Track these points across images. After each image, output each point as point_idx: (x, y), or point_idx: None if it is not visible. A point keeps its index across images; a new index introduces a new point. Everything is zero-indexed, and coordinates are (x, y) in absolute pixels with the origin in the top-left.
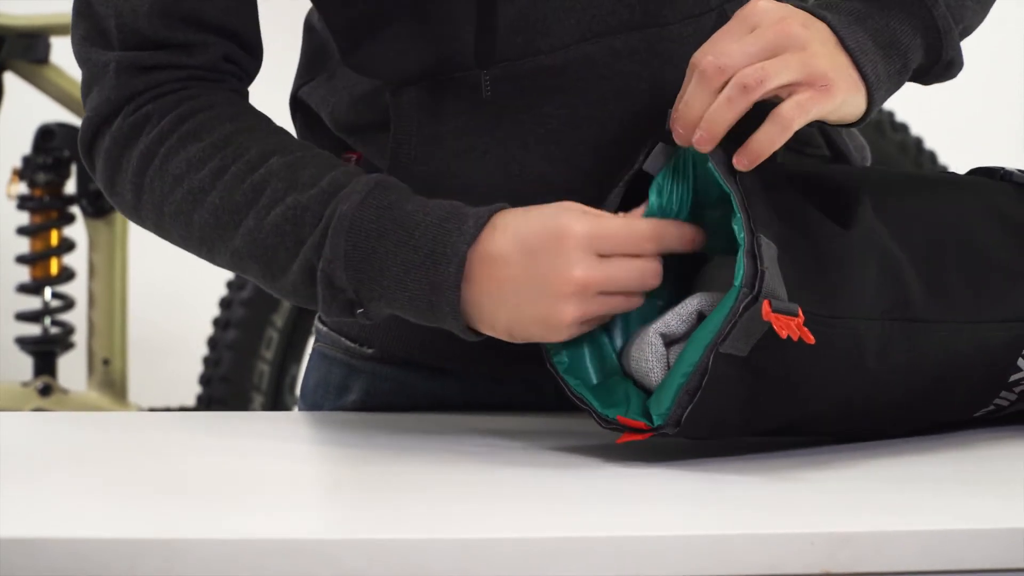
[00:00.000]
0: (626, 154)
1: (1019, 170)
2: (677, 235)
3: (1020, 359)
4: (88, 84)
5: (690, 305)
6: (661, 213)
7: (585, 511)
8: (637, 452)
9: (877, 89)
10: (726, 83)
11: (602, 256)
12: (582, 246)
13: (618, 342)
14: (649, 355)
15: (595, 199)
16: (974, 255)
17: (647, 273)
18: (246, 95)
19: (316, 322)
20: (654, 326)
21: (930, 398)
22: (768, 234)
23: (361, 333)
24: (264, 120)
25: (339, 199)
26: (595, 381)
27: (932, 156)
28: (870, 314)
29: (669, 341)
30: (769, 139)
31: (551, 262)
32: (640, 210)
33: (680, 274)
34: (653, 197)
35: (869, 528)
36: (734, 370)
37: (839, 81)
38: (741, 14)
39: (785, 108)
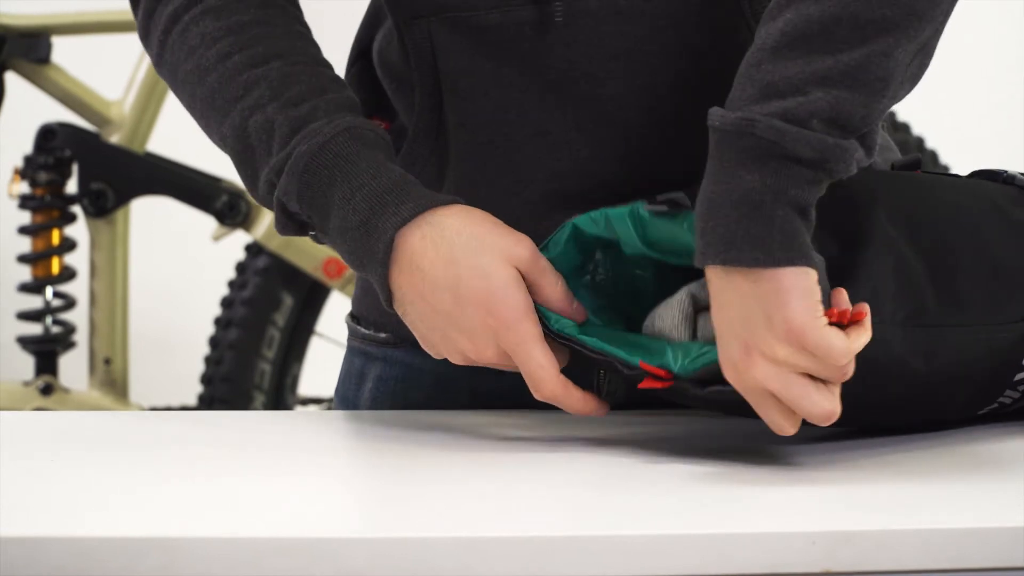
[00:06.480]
0: (624, 116)
1: (1021, 173)
2: (573, 399)
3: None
4: None
5: None
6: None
7: (585, 511)
8: (637, 451)
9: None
10: None
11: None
12: (498, 332)
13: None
14: (677, 312)
15: (589, 157)
16: (983, 257)
17: (537, 378)
18: None
19: (346, 317)
20: (688, 287)
21: (938, 399)
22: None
23: (376, 319)
24: (289, 19)
25: (304, 134)
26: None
27: (933, 156)
28: (892, 320)
29: (699, 308)
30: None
31: (469, 327)
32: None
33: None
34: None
35: (870, 527)
36: None
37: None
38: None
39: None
